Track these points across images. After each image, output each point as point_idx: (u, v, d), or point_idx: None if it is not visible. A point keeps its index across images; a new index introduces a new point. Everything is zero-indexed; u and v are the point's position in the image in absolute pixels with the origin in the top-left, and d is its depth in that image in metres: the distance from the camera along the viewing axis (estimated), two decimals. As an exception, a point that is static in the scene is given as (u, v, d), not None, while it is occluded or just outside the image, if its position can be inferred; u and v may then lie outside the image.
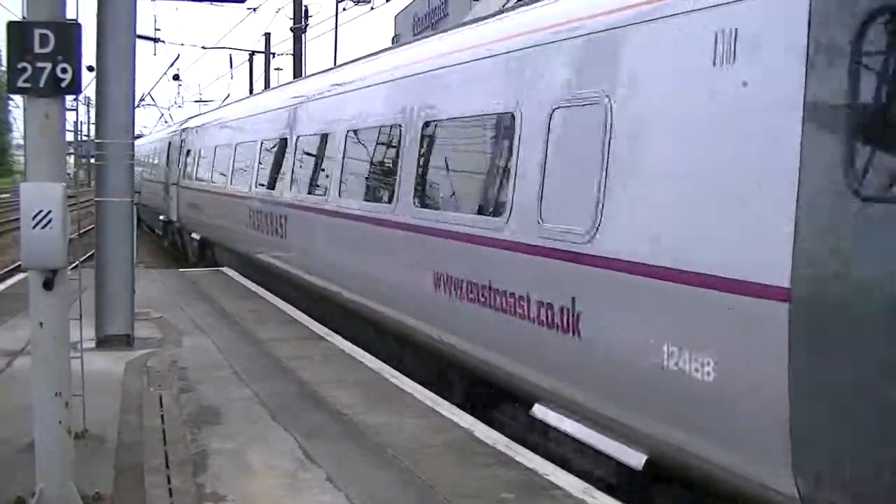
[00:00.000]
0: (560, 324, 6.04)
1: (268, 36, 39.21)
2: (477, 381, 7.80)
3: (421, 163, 8.57)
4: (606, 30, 5.91)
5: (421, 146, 8.56)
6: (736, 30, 4.79)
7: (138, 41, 10.67)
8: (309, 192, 12.27)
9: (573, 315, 5.90)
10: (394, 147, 9.27)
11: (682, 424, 5.09)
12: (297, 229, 12.75)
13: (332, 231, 11.15)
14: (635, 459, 5.51)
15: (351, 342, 9.97)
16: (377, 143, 9.96)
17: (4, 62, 4.93)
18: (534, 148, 6.51)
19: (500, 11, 8.32)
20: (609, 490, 5.66)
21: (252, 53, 41.88)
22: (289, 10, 29.52)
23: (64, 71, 4.82)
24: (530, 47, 6.81)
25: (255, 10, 28.82)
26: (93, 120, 12.01)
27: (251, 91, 39.86)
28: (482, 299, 7.06)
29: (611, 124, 5.67)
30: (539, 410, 6.49)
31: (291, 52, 30.09)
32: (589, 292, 5.80)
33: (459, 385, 8.22)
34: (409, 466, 5.92)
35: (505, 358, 6.91)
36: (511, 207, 6.72)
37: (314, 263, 11.99)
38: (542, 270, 6.29)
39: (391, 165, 9.33)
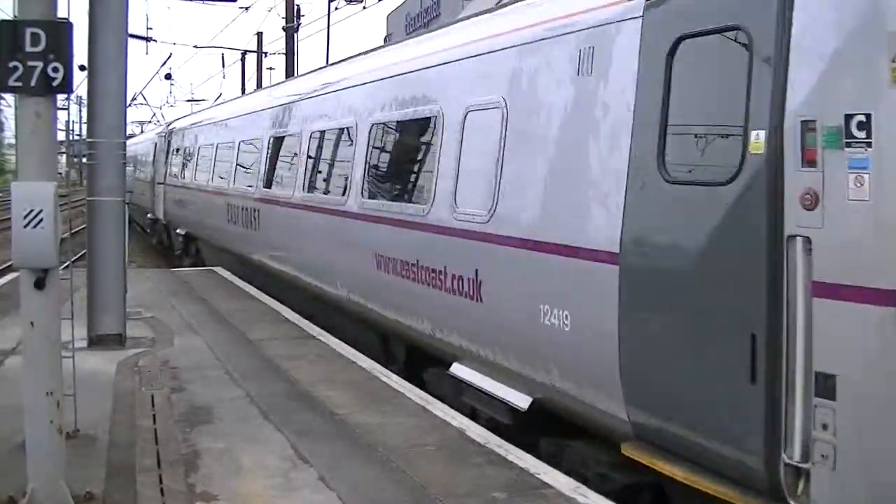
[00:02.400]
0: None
1: (260, 35, 39.30)
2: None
3: None
4: None
5: None
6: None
7: (130, 40, 10.65)
8: None
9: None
10: None
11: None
12: None
13: None
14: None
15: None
16: None
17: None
18: None
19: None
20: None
21: (244, 53, 41.85)
22: (281, 10, 29.59)
23: (55, 70, 4.82)
24: None
25: (247, 9, 28.91)
26: (84, 119, 11.96)
27: (243, 91, 39.47)
28: None
29: None
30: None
31: (284, 51, 30.08)
32: None
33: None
34: (400, 466, 5.92)
35: None
36: None
37: None
38: None
39: None
